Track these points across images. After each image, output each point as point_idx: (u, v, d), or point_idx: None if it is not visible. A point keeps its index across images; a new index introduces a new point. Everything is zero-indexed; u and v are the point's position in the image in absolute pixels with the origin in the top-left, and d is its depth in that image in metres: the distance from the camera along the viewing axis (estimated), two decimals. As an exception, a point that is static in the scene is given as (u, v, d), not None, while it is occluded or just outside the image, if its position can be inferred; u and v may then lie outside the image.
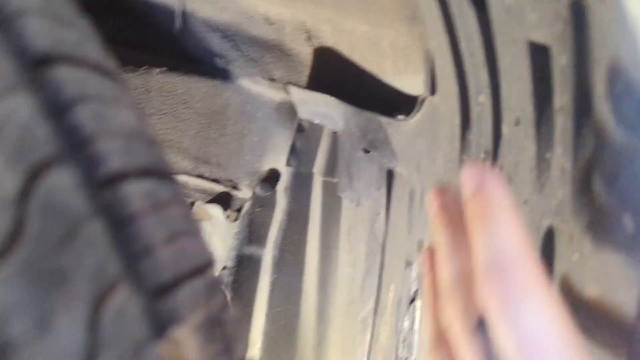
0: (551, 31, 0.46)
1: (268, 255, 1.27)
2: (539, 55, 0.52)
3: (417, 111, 0.83)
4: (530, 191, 0.55)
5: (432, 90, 0.79)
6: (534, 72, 0.54)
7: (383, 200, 0.96)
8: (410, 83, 0.93)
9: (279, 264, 1.27)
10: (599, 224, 0.40)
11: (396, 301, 0.95)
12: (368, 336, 1.04)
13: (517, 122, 0.58)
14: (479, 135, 0.69)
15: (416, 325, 0.85)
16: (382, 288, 0.98)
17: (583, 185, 0.43)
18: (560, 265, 0.46)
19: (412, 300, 0.86)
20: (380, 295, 0.99)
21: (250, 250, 1.28)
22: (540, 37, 0.49)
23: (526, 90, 0.55)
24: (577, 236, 0.44)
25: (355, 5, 0.91)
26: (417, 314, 0.84)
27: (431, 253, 0.41)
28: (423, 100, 0.81)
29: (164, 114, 1.15)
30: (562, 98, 0.46)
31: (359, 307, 1.07)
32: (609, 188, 0.37)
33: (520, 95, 0.57)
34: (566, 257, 0.45)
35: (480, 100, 0.67)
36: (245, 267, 1.29)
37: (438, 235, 0.38)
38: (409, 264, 0.90)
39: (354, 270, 1.15)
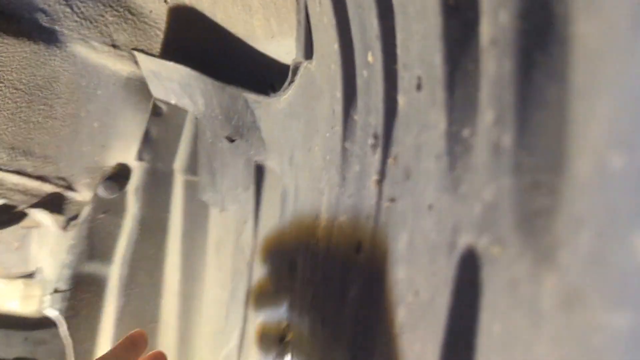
0: None
1: (115, 273, 0.99)
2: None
3: (290, 84, 0.61)
4: (437, 190, 0.34)
5: (308, 52, 0.57)
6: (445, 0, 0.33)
7: (251, 205, 0.73)
8: (287, 48, 0.71)
9: (130, 284, 0.99)
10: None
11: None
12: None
13: (419, 86, 0.38)
14: (367, 111, 0.48)
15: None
16: (249, 319, 0.75)
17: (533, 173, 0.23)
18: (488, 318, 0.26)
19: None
20: (246, 327, 0.76)
21: (92, 267, 1.00)
22: None
23: (433, 31, 0.35)
24: (522, 268, 0.23)
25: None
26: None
27: None
28: (297, 68, 0.59)
29: (-43, 84, 0.84)
30: (494, 23, 0.26)
31: (222, 342, 0.83)
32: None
33: (423, 40, 0.37)
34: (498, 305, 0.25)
35: (369, 60, 0.46)
36: (84, 289, 1.00)
37: None
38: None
39: (223, 292, 0.91)
